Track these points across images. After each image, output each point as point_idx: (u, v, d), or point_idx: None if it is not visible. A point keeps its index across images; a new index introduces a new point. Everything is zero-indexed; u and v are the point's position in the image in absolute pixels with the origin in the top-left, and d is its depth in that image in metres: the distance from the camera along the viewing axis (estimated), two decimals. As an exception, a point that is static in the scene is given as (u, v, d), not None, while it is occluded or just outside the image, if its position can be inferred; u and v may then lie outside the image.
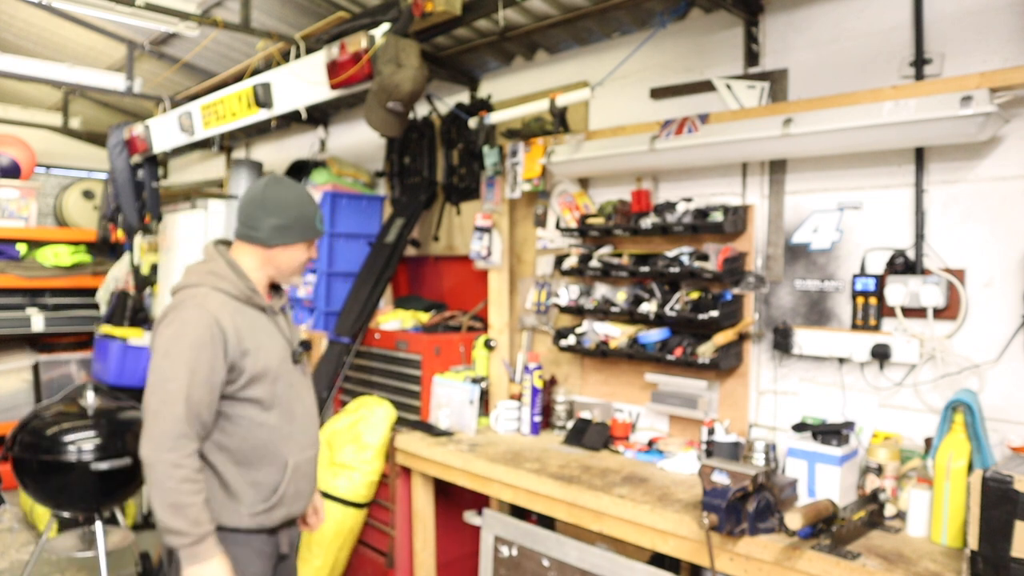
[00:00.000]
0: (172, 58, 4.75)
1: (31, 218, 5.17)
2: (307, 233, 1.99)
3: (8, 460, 3.07)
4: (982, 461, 1.88)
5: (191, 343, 1.78)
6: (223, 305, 1.86)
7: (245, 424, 1.87)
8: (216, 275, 1.91)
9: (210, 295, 1.86)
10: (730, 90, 2.65)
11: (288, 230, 1.95)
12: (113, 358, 4.75)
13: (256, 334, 1.89)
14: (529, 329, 3.38)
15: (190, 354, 1.77)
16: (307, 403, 2.04)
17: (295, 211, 1.96)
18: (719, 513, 1.89)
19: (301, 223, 1.97)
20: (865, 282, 2.33)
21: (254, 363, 1.85)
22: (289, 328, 2.06)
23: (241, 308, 1.89)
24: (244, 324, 1.87)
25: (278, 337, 1.97)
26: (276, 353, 1.93)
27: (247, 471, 1.88)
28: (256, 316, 1.93)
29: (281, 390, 1.93)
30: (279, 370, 1.92)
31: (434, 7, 2.63)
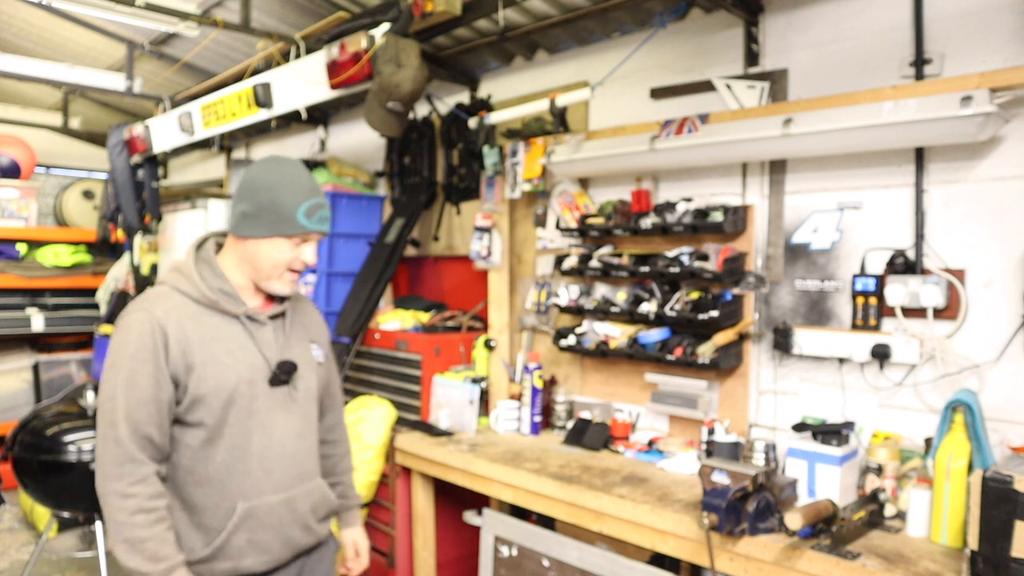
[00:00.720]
0: (172, 58, 4.75)
1: (31, 218, 5.17)
2: (282, 226, 1.62)
3: (8, 460, 3.07)
4: (982, 461, 1.88)
5: (131, 353, 1.54)
6: (176, 309, 1.59)
7: (188, 455, 1.60)
8: (179, 272, 1.66)
9: (165, 296, 1.62)
10: (730, 90, 2.65)
11: (256, 220, 1.63)
12: (113, 358, 4.75)
13: (211, 346, 1.59)
14: (529, 329, 3.38)
15: (130, 366, 1.53)
16: (282, 436, 1.68)
17: (267, 196, 1.62)
18: (719, 513, 1.88)
19: (275, 213, 1.62)
20: (865, 282, 2.33)
21: (199, 381, 1.57)
22: (280, 342, 1.72)
23: (201, 314, 1.62)
24: (198, 333, 1.59)
25: (249, 352, 1.64)
26: (238, 371, 1.61)
27: (188, 510, 1.61)
28: (221, 324, 1.63)
29: (237, 417, 1.61)
30: (238, 392, 1.61)
31: (434, 7, 2.63)
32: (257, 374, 1.65)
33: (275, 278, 1.68)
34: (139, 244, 4.83)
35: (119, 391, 1.53)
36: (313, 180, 1.70)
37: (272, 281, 1.68)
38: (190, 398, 1.57)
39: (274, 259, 1.66)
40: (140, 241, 4.84)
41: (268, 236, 1.64)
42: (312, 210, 1.66)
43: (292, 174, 1.67)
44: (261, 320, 1.69)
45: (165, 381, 1.55)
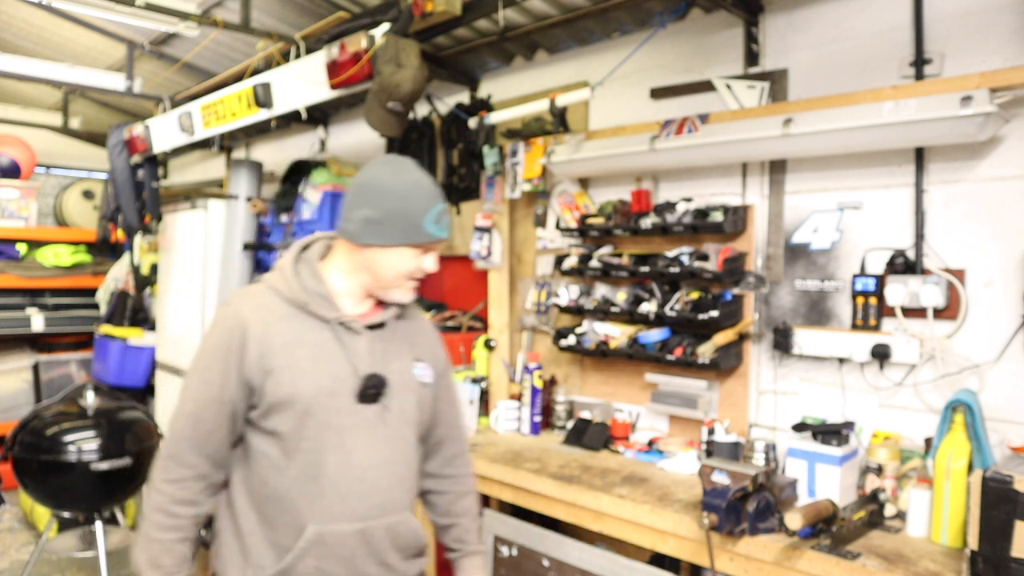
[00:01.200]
0: (172, 58, 4.74)
1: (31, 218, 5.17)
2: (409, 234, 1.51)
3: (8, 460, 3.07)
4: (982, 461, 1.88)
5: (210, 348, 1.50)
6: (264, 307, 1.51)
7: (264, 464, 1.50)
8: (279, 270, 1.57)
9: (257, 293, 1.55)
10: (730, 90, 2.65)
11: (381, 226, 1.50)
12: (113, 358, 4.76)
13: (293, 350, 1.48)
14: (529, 329, 3.38)
15: (206, 361, 1.50)
16: (363, 459, 1.51)
17: (396, 203, 1.50)
18: (719, 513, 1.88)
19: (402, 220, 1.51)
20: (865, 282, 2.33)
21: (276, 387, 1.46)
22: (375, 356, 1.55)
23: (290, 315, 1.51)
24: (282, 336, 1.49)
25: (334, 362, 1.51)
26: (318, 381, 1.48)
27: (264, 524, 1.50)
28: (310, 329, 1.51)
29: (314, 431, 1.48)
30: (318, 404, 1.47)
31: (434, 7, 2.63)
32: (340, 387, 1.50)
33: (396, 287, 1.56)
34: (139, 244, 4.83)
35: (192, 385, 1.51)
36: (435, 185, 1.59)
37: (393, 290, 1.56)
38: (266, 404, 1.47)
39: (398, 268, 1.54)
40: (140, 241, 4.84)
41: (395, 245, 1.52)
42: (439, 217, 1.54)
43: (420, 180, 1.55)
44: (355, 329, 1.54)
45: (234, 381, 1.47)
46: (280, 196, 4.37)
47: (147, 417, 3.38)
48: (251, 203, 4.30)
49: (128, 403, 3.38)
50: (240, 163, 4.42)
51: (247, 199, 4.30)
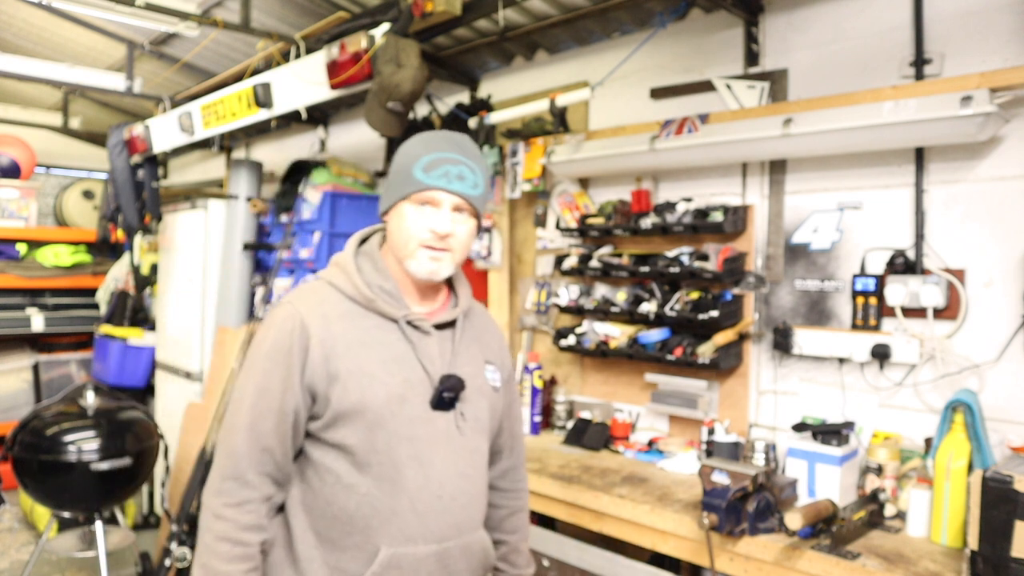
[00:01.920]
0: (172, 58, 4.74)
1: (31, 218, 5.17)
2: (400, 187, 1.37)
3: (8, 460, 3.07)
4: (982, 461, 1.88)
5: (267, 352, 1.34)
6: (326, 305, 1.37)
7: (330, 481, 1.34)
8: (336, 265, 1.44)
9: (316, 291, 1.40)
10: (730, 90, 2.65)
11: (386, 189, 1.41)
12: (113, 358, 4.75)
13: (360, 353, 1.34)
14: (529, 329, 3.38)
15: (263, 366, 1.34)
16: (442, 473, 1.37)
17: (396, 161, 1.41)
18: (719, 513, 1.89)
19: (397, 175, 1.39)
20: (865, 282, 2.33)
21: (343, 394, 1.31)
22: (447, 357, 1.42)
23: (354, 314, 1.37)
24: (347, 337, 1.34)
25: (406, 365, 1.36)
26: (389, 386, 1.34)
27: (326, 547, 1.34)
28: (377, 329, 1.37)
29: (387, 443, 1.33)
30: (389, 412, 1.33)
31: (434, 7, 2.63)
32: (414, 392, 1.36)
33: (408, 256, 1.38)
34: (139, 244, 4.83)
35: (247, 394, 1.34)
36: (455, 138, 1.42)
37: (408, 260, 1.38)
38: (332, 413, 1.32)
39: (405, 230, 1.37)
40: (140, 241, 4.84)
41: (393, 204, 1.39)
42: (433, 164, 1.35)
43: (432, 134, 1.42)
44: (425, 329, 1.40)
45: (297, 389, 1.32)
46: (280, 196, 4.37)
47: (147, 417, 3.38)
48: (251, 203, 4.30)
49: (128, 403, 3.38)
50: (240, 163, 4.43)
51: (247, 199, 4.31)
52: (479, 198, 1.42)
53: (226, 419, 1.36)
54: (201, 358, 4.28)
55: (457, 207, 1.38)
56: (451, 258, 1.40)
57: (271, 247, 4.26)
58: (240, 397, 1.35)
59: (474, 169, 1.40)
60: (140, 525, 4.41)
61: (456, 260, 1.42)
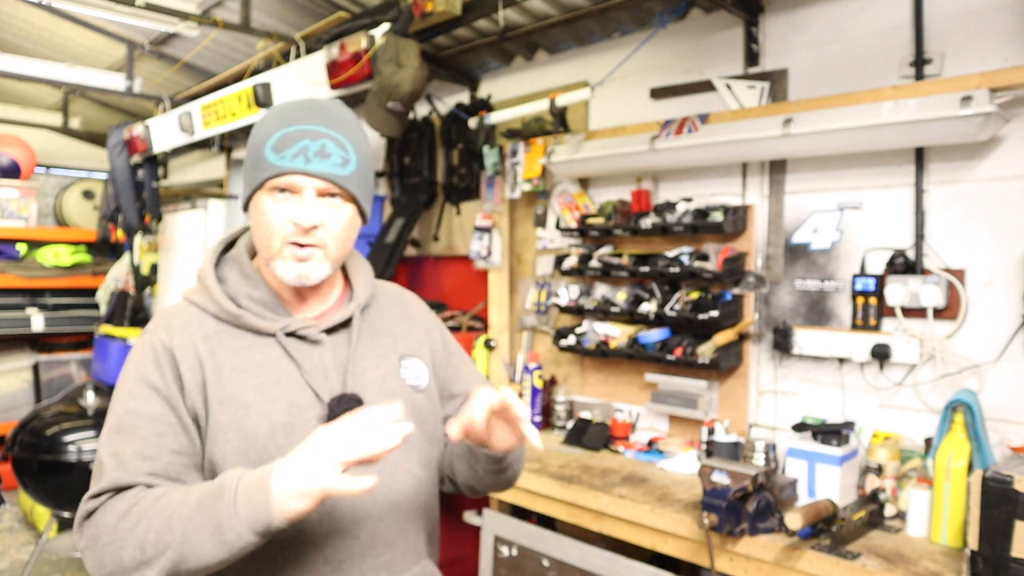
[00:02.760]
0: (172, 58, 4.75)
1: (31, 218, 5.17)
2: (254, 175, 1.13)
3: (8, 460, 3.08)
4: (982, 461, 1.88)
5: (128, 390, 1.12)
6: (188, 327, 1.15)
7: None
8: (198, 280, 1.22)
9: (178, 313, 1.19)
10: (730, 90, 2.65)
11: (244, 178, 1.17)
12: (113, 358, 4.76)
13: (236, 380, 1.13)
14: (529, 329, 3.38)
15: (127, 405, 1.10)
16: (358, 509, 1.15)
17: (250, 140, 1.17)
18: (719, 513, 1.89)
19: (249, 161, 1.16)
20: (865, 282, 2.33)
21: (217, 430, 1.11)
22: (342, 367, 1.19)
23: (222, 334, 1.15)
24: (217, 361, 1.13)
25: (290, 387, 1.15)
26: (270, 417, 1.12)
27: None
28: (252, 349, 1.15)
29: None
30: (275, 447, 1.10)
31: (434, 7, 2.63)
32: (304, 418, 1.13)
33: (276, 256, 1.14)
34: (139, 244, 4.83)
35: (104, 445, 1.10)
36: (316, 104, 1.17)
37: (273, 262, 1.15)
38: (210, 451, 1.10)
39: (263, 225, 1.13)
40: (140, 241, 4.84)
41: (250, 197, 1.16)
42: (284, 141, 1.10)
43: (287, 103, 1.18)
44: (312, 337, 1.17)
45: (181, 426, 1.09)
46: (280, 196, 4.36)
47: (147, 417, 3.38)
48: (251, 203, 4.30)
49: (128, 403, 3.38)
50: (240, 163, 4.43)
51: (247, 199, 4.30)
52: (352, 178, 1.14)
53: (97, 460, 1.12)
54: (201, 358, 4.28)
55: (323, 192, 1.13)
56: (323, 255, 1.14)
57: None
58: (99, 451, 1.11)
59: (342, 142, 1.13)
60: (140, 525, 4.41)
61: (332, 256, 1.16)
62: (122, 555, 0.99)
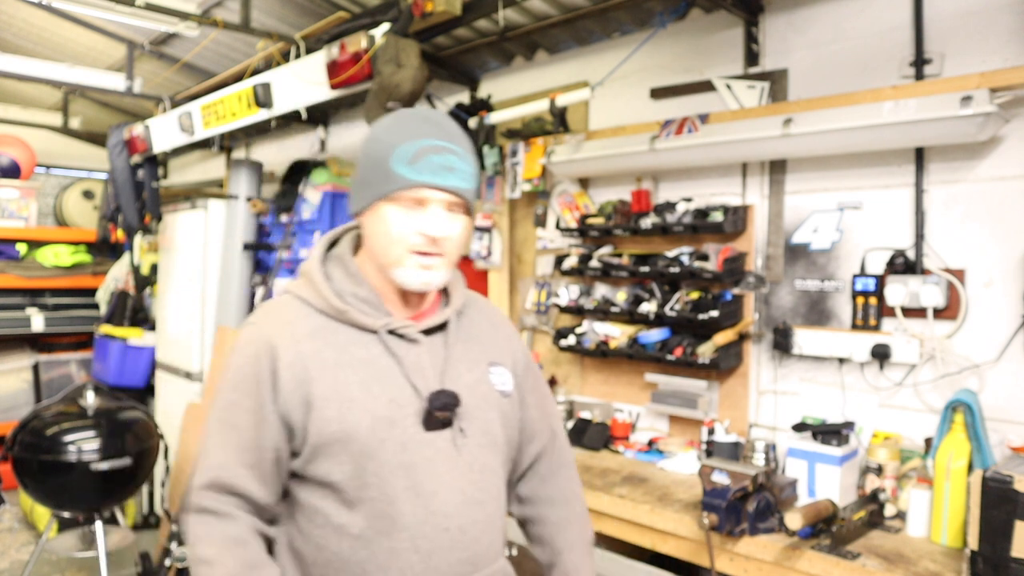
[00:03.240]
0: (172, 58, 4.74)
1: (31, 218, 5.17)
2: (379, 184, 1.16)
3: (8, 460, 3.07)
4: (982, 461, 1.88)
5: (233, 383, 1.19)
6: (293, 323, 1.19)
7: (319, 522, 1.17)
8: (304, 274, 1.26)
9: (283, 307, 1.23)
10: (730, 90, 2.65)
11: (359, 185, 1.21)
12: (113, 358, 4.76)
13: (337, 375, 1.16)
14: (529, 329, 3.38)
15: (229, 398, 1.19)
16: (445, 503, 1.18)
17: (365, 152, 1.20)
18: (719, 513, 1.89)
19: (370, 170, 1.18)
20: (865, 282, 2.33)
21: (321, 424, 1.14)
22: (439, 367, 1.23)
23: (327, 330, 1.19)
24: (321, 357, 1.17)
25: (391, 382, 1.18)
26: (373, 410, 1.16)
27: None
28: (355, 344, 1.19)
29: (377, 474, 1.15)
30: (377, 440, 1.15)
31: (434, 7, 2.63)
32: (403, 413, 1.17)
33: (395, 264, 1.18)
34: (139, 244, 4.83)
35: (212, 432, 1.19)
36: (436, 119, 1.20)
37: (393, 269, 1.19)
38: (310, 447, 1.15)
39: (388, 234, 1.17)
40: (140, 241, 4.84)
41: (370, 204, 1.19)
42: (418, 155, 1.14)
43: (407, 115, 1.20)
44: (411, 337, 1.22)
45: (271, 423, 1.15)
46: (280, 196, 4.37)
47: (147, 417, 3.38)
48: (251, 203, 4.30)
49: (128, 403, 3.38)
50: (240, 163, 4.43)
51: (247, 199, 4.31)
52: (473, 190, 1.22)
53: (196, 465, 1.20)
54: (201, 358, 4.28)
55: (451, 204, 1.18)
56: (445, 263, 1.21)
57: (271, 247, 4.26)
58: (207, 434, 1.19)
59: (463, 156, 1.19)
60: (140, 525, 4.41)
61: (452, 263, 1.23)
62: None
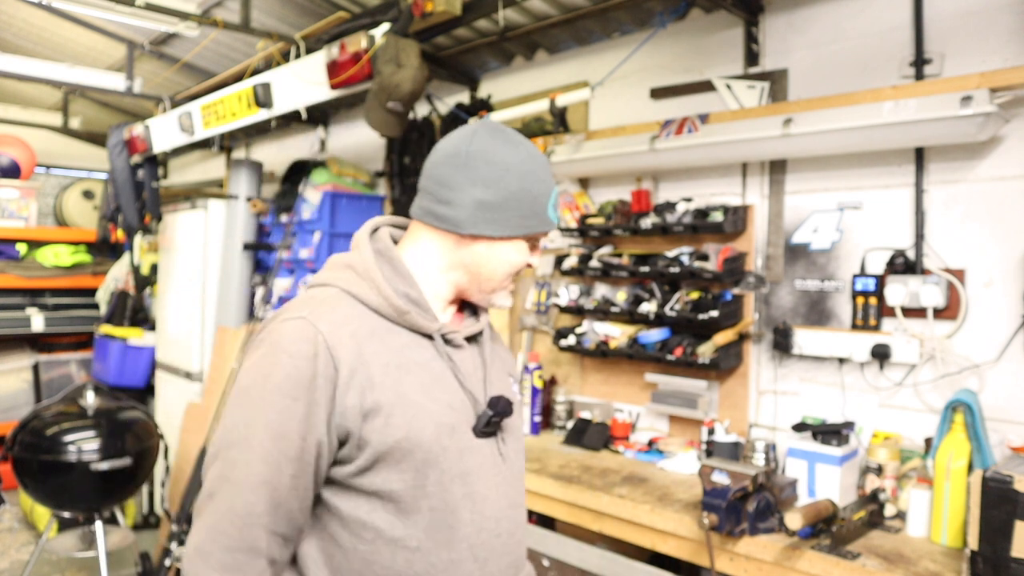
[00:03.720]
0: (172, 58, 4.75)
1: (31, 218, 5.17)
2: (532, 222, 1.19)
3: (8, 460, 3.07)
4: (982, 461, 1.88)
5: (279, 384, 1.05)
6: (350, 322, 1.11)
7: (368, 538, 1.09)
8: (354, 270, 1.17)
9: (334, 303, 1.13)
10: (730, 90, 2.65)
11: (500, 212, 1.17)
12: (113, 358, 4.76)
13: (403, 379, 1.11)
14: (529, 329, 3.38)
15: (276, 402, 1.05)
16: (495, 508, 1.17)
17: (517, 183, 1.17)
18: (719, 513, 1.88)
19: (526, 205, 1.18)
20: (865, 282, 2.33)
21: (385, 431, 1.08)
22: (480, 374, 1.23)
23: (382, 331, 1.13)
24: (383, 359, 1.11)
25: (449, 388, 1.16)
26: (436, 417, 1.12)
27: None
28: (411, 348, 1.15)
29: (439, 483, 1.11)
30: (440, 447, 1.11)
31: (434, 7, 2.62)
32: (460, 419, 1.15)
33: (502, 288, 1.24)
34: (139, 244, 4.83)
35: (255, 438, 1.04)
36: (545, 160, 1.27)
37: (498, 292, 1.24)
38: (370, 456, 1.08)
39: (510, 265, 1.21)
40: (140, 241, 4.84)
41: (514, 236, 1.19)
42: (557, 202, 1.24)
43: (537, 155, 1.22)
44: (458, 343, 1.20)
45: (322, 430, 1.06)
46: (280, 196, 4.37)
47: (147, 417, 3.38)
48: (251, 203, 4.30)
49: (128, 403, 3.39)
50: (240, 163, 4.43)
51: (247, 199, 4.31)
52: None
53: (220, 467, 1.06)
54: (201, 358, 4.28)
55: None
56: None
57: (271, 247, 4.26)
58: (241, 440, 1.05)
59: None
60: (140, 525, 4.41)
61: None
62: None
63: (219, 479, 1.05)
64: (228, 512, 1.03)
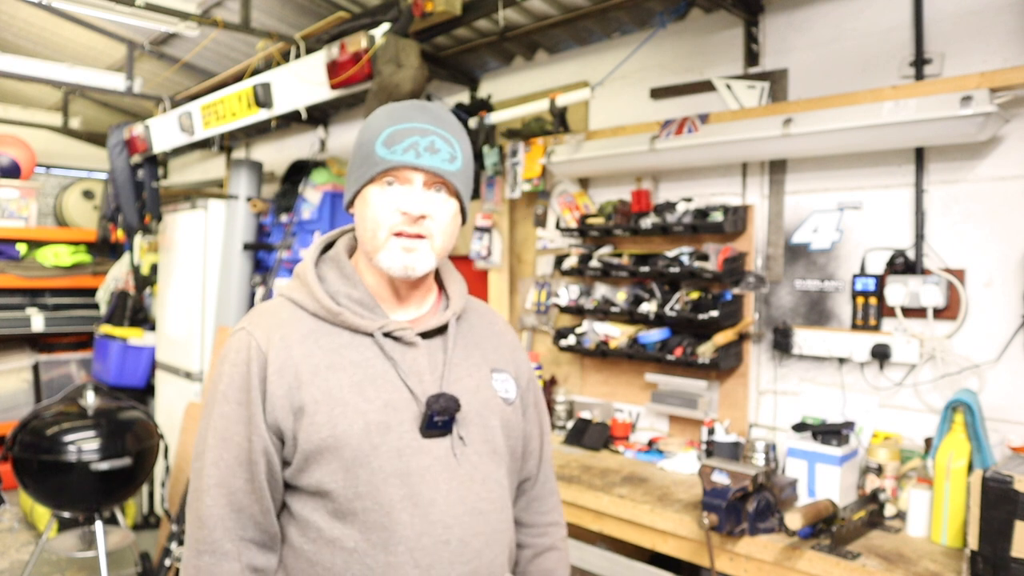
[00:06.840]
0: (172, 58, 4.75)
1: (31, 218, 5.17)
2: (364, 169, 1.16)
3: (8, 460, 3.07)
4: (982, 461, 1.88)
5: (223, 391, 1.13)
6: (286, 326, 1.15)
7: (312, 536, 1.12)
8: (297, 277, 1.22)
9: (275, 310, 1.19)
10: (730, 90, 2.65)
11: (349, 175, 1.20)
12: (113, 358, 4.76)
13: (333, 378, 1.12)
14: (529, 329, 3.38)
15: (221, 409, 1.12)
16: (445, 513, 1.13)
17: (357, 139, 1.20)
18: (719, 513, 1.89)
19: (359, 155, 1.18)
20: (865, 282, 2.33)
21: (311, 428, 1.09)
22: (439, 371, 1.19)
23: (319, 332, 1.16)
24: (312, 361, 1.13)
25: (385, 386, 1.14)
26: (366, 414, 1.11)
27: None
28: (349, 347, 1.15)
29: (370, 483, 1.10)
30: (370, 446, 1.10)
31: (434, 7, 2.63)
32: (399, 418, 1.13)
33: (379, 247, 1.15)
34: (139, 244, 4.83)
35: (208, 444, 1.12)
36: (425, 106, 1.20)
37: (378, 254, 1.16)
38: (302, 454, 1.10)
39: (374, 218, 1.15)
40: (140, 241, 4.84)
41: (357, 192, 1.18)
42: (395, 137, 1.14)
43: (393, 104, 1.21)
44: (407, 339, 1.17)
45: (263, 431, 1.10)
46: (280, 196, 4.37)
47: (147, 417, 3.38)
48: (251, 203, 4.30)
49: (128, 403, 3.39)
50: (240, 163, 4.43)
51: (247, 199, 4.31)
52: (458, 174, 1.18)
53: (191, 480, 1.14)
54: (201, 358, 4.28)
55: (430, 183, 1.15)
56: (429, 247, 1.16)
57: (271, 247, 4.26)
58: (200, 452, 1.13)
59: (450, 140, 1.17)
60: (140, 525, 4.41)
61: (437, 249, 1.17)
62: None
63: (190, 491, 1.14)
64: (195, 519, 1.11)
